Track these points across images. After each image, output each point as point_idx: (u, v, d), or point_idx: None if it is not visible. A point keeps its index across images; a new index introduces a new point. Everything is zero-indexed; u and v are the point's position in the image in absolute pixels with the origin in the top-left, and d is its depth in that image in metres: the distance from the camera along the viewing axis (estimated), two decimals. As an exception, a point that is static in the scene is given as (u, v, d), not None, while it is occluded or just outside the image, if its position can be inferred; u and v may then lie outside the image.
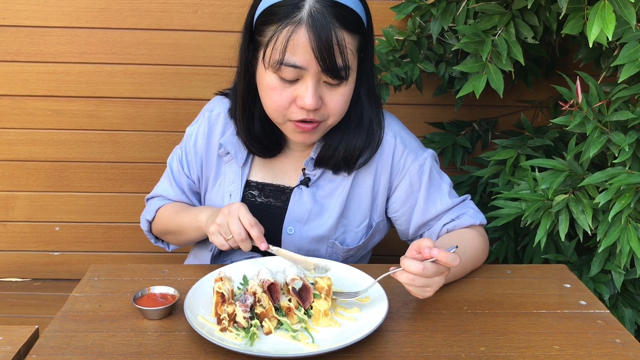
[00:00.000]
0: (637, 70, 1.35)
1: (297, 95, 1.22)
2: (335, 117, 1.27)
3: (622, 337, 1.08)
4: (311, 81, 1.20)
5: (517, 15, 1.60)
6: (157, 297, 1.14)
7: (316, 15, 1.15)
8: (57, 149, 2.09)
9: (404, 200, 1.40)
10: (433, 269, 1.08)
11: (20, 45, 2.00)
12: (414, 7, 1.78)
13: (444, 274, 1.11)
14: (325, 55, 1.16)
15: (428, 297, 1.13)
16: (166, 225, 1.47)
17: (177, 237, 1.47)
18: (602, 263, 1.56)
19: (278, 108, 1.25)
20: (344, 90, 1.24)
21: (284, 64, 1.18)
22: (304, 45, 1.16)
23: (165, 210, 1.48)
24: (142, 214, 1.53)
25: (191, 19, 2.00)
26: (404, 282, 1.10)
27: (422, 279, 1.08)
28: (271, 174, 1.42)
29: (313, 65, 1.18)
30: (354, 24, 1.20)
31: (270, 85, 1.23)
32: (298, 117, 1.24)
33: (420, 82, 1.88)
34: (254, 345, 1.02)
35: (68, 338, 1.05)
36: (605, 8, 1.27)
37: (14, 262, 2.20)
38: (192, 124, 1.48)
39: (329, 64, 1.17)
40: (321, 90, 1.22)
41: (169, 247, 1.56)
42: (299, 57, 1.17)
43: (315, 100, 1.21)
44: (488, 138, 2.10)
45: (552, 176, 1.52)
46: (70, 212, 2.16)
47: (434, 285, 1.10)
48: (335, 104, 1.24)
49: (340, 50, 1.18)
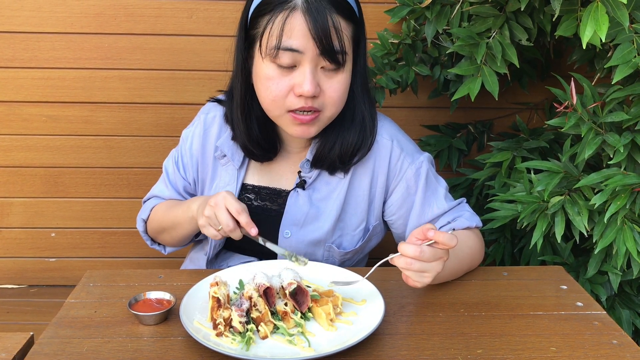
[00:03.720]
0: (630, 71, 1.35)
1: (294, 83, 1.22)
2: (334, 107, 1.27)
3: (619, 339, 1.08)
4: (309, 67, 1.20)
5: (511, 18, 1.60)
6: (153, 302, 1.14)
7: (310, 0, 1.17)
8: (52, 155, 2.09)
9: (400, 204, 1.40)
10: (430, 253, 1.09)
11: (15, 51, 1.99)
12: (408, 11, 1.78)
13: (442, 259, 1.11)
14: (322, 37, 1.17)
15: (426, 283, 1.12)
16: (160, 222, 1.46)
17: (171, 234, 1.45)
18: (599, 264, 1.56)
19: (275, 98, 1.24)
20: (342, 78, 1.24)
21: (281, 49, 1.18)
22: (300, 28, 1.17)
23: (159, 207, 1.48)
24: (137, 215, 1.53)
25: (186, 23, 2.00)
26: (401, 266, 1.10)
27: (419, 263, 1.09)
28: (267, 177, 1.42)
29: (310, 48, 1.18)
30: (347, 10, 1.21)
31: (267, 75, 1.23)
32: (296, 106, 1.23)
33: (416, 85, 1.88)
34: (250, 350, 1.02)
35: (63, 344, 1.04)
36: (598, 10, 1.27)
37: (9, 269, 2.19)
38: (188, 127, 1.49)
39: (327, 45, 1.18)
40: (319, 78, 1.22)
41: (165, 249, 1.55)
42: (295, 40, 1.18)
43: (314, 87, 1.20)
44: (484, 140, 2.10)
45: (548, 178, 1.52)
46: (66, 218, 2.15)
47: (431, 270, 1.10)
48: (333, 91, 1.24)
49: (337, 34, 1.19)
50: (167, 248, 1.55)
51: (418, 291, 1.24)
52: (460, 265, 1.28)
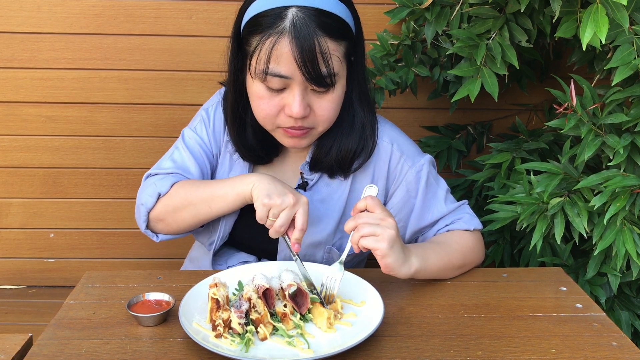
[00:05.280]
0: (630, 73, 1.35)
1: (285, 103, 1.22)
2: (325, 124, 1.27)
3: (618, 340, 1.08)
4: (298, 89, 1.20)
5: (511, 19, 1.60)
6: (152, 303, 1.14)
7: (298, 24, 1.15)
8: (51, 156, 2.09)
9: (400, 207, 1.40)
10: (366, 215, 1.16)
11: (14, 51, 1.99)
12: (408, 12, 1.78)
13: (384, 220, 1.14)
14: (308, 65, 1.16)
15: (386, 249, 1.13)
16: (189, 195, 1.32)
17: (198, 210, 1.32)
18: (598, 266, 1.56)
19: (267, 116, 1.25)
20: (332, 97, 1.24)
21: (269, 74, 1.19)
22: (287, 56, 1.16)
23: (187, 182, 1.36)
24: (144, 192, 1.36)
25: (185, 24, 2.00)
26: (354, 240, 1.15)
27: (363, 226, 1.14)
28: (272, 175, 1.42)
29: (298, 75, 1.18)
30: (338, 30, 1.19)
31: (258, 94, 1.23)
32: (287, 125, 1.25)
33: (415, 86, 1.88)
34: (250, 351, 1.02)
35: (62, 346, 1.04)
36: (598, 11, 1.27)
37: (8, 270, 2.18)
38: (208, 106, 1.44)
39: (313, 73, 1.17)
40: (309, 98, 1.22)
41: (158, 237, 1.41)
42: (283, 67, 1.17)
43: (303, 109, 1.21)
44: (483, 141, 2.10)
45: (547, 179, 1.52)
46: (65, 219, 2.15)
47: (382, 233, 1.13)
48: (323, 110, 1.24)
49: (324, 59, 1.17)
50: (160, 236, 1.41)
51: (417, 293, 1.24)
52: (450, 260, 1.29)
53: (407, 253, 1.19)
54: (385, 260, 1.14)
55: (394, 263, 1.15)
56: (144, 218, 1.37)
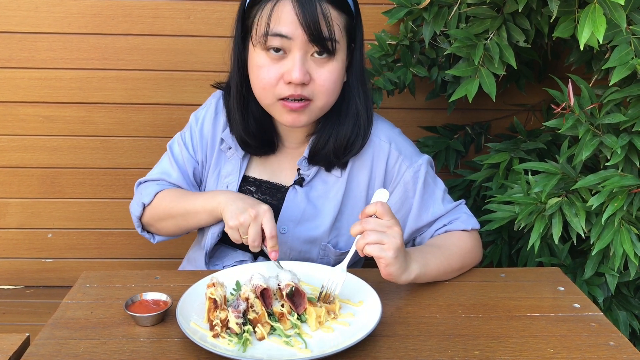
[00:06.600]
0: (628, 73, 1.35)
1: (284, 71, 1.23)
2: (324, 96, 1.27)
3: (616, 340, 1.08)
4: (298, 54, 1.21)
5: (509, 19, 1.61)
6: (150, 303, 1.14)
7: None
8: (49, 156, 2.08)
9: (398, 207, 1.40)
10: (374, 221, 1.13)
11: (12, 51, 1.99)
12: (405, 12, 1.78)
13: (391, 228, 1.13)
14: (310, 23, 1.18)
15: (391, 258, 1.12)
16: (168, 208, 1.39)
17: (178, 223, 1.40)
18: (596, 266, 1.56)
19: (266, 86, 1.25)
20: (332, 67, 1.25)
21: (269, 34, 1.20)
22: (288, 15, 1.19)
23: (166, 193, 1.43)
24: (134, 199, 1.47)
25: (183, 24, 2.00)
26: (359, 247, 1.13)
27: (370, 233, 1.12)
28: (268, 171, 1.43)
29: (299, 35, 1.20)
30: (339, 1, 1.23)
31: (258, 63, 1.25)
32: (286, 93, 1.24)
33: (413, 86, 1.88)
34: (247, 351, 1.02)
35: (59, 346, 1.04)
36: (595, 11, 1.27)
37: (6, 270, 2.18)
38: (199, 110, 1.48)
39: (315, 31, 1.19)
40: (309, 66, 1.23)
41: (155, 238, 1.49)
42: (284, 26, 1.19)
43: (302, 74, 1.21)
44: (481, 142, 2.10)
45: (545, 179, 1.52)
46: (63, 219, 2.14)
47: (388, 242, 1.11)
48: (324, 80, 1.25)
49: (326, 22, 1.20)
50: (156, 237, 1.49)
51: (415, 293, 1.24)
52: (449, 264, 1.29)
53: (408, 260, 1.18)
54: (388, 269, 1.14)
55: (396, 272, 1.15)
56: (137, 223, 1.47)
